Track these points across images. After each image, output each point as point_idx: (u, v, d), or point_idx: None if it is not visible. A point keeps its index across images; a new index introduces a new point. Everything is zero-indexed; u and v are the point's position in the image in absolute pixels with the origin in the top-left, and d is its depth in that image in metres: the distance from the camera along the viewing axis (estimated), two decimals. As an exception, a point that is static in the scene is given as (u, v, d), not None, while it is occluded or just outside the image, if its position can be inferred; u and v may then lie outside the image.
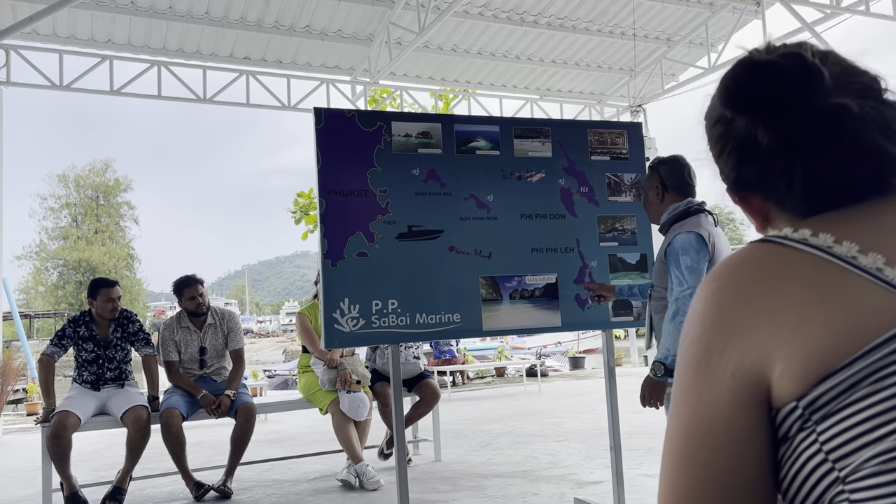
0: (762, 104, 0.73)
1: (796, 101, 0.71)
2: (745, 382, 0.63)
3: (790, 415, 0.62)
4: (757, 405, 0.64)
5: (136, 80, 9.58)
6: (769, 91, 0.72)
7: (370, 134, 3.27)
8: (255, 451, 5.40)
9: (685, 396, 0.67)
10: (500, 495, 4.26)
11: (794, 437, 0.63)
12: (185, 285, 4.90)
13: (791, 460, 0.63)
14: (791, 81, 0.71)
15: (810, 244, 0.66)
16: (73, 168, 45.47)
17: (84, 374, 4.60)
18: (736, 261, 0.69)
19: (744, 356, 0.64)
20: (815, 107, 0.70)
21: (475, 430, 6.79)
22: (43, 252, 41.34)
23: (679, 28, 10.72)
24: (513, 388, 11.29)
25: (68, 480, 4.29)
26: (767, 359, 0.63)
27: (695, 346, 0.67)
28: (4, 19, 8.39)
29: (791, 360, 0.62)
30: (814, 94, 0.71)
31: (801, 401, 0.61)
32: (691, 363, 0.67)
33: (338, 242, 3.15)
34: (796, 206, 0.73)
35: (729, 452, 0.63)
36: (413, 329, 3.24)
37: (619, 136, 3.71)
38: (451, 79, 11.25)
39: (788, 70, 0.72)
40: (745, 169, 0.76)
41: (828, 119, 0.70)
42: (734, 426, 0.63)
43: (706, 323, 0.67)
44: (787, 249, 0.67)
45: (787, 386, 0.62)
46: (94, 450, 6.47)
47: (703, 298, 0.69)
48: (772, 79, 0.72)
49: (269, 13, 9.14)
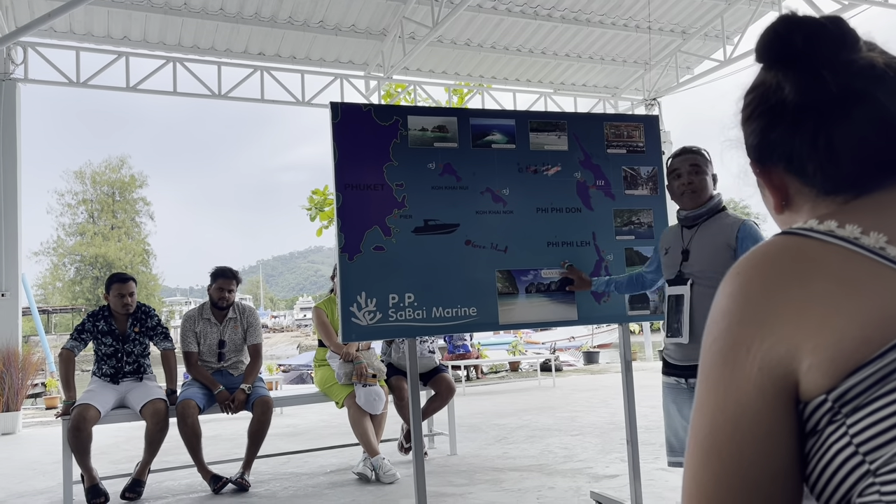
0: (793, 57, 0.72)
1: (828, 58, 0.70)
2: (773, 377, 0.63)
3: (819, 408, 0.62)
4: (784, 399, 0.63)
5: (152, 76, 9.65)
6: (801, 44, 0.71)
7: (386, 128, 3.28)
8: (271, 445, 5.43)
9: (712, 391, 0.66)
10: (515, 489, 4.26)
11: (822, 430, 0.62)
12: (221, 276, 4.94)
13: (820, 454, 0.62)
14: (825, 37, 0.71)
15: (837, 236, 0.65)
16: (89, 164, 45.83)
17: (103, 368, 4.65)
18: (761, 254, 0.68)
19: (771, 350, 0.63)
20: (846, 63, 0.69)
21: (490, 424, 6.80)
22: (60, 248, 41.76)
23: (694, 20, 10.64)
24: (527, 382, 11.29)
25: (89, 472, 4.35)
26: (795, 352, 0.62)
27: (721, 340, 0.66)
28: (22, 17, 8.48)
29: (820, 352, 0.61)
30: (847, 52, 0.70)
31: (830, 394, 0.61)
32: (717, 358, 0.66)
33: (355, 236, 3.17)
34: (820, 179, 0.72)
35: (755, 447, 0.63)
36: (429, 322, 3.25)
37: (635, 129, 3.70)
38: (465, 73, 11.23)
39: (824, 27, 0.71)
40: (771, 133, 0.75)
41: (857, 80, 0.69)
42: (761, 421, 0.63)
43: (732, 318, 0.66)
44: (814, 241, 0.66)
45: (815, 379, 0.61)
46: (114, 443, 6.54)
47: (728, 293, 0.68)
48: (806, 33, 0.71)
49: (283, 9, 9.16)
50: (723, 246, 2.69)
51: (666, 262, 2.93)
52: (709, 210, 2.80)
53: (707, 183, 2.83)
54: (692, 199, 2.81)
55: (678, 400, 2.82)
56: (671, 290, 2.84)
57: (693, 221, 2.82)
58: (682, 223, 2.88)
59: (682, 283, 2.78)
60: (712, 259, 2.70)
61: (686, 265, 2.78)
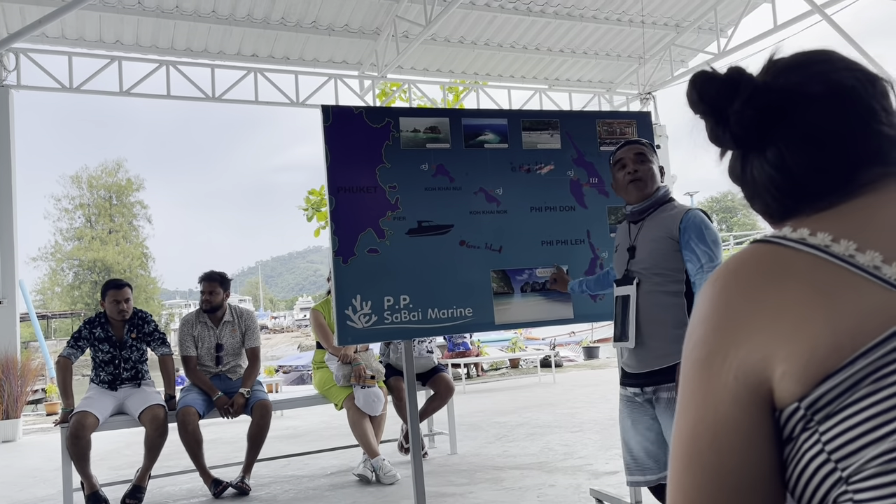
0: (698, 110, 0.78)
1: (722, 108, 0.75)
2: (748, 384, 0.64)
3: (793, 415, 0.62)
4: (760, 407, 0.64)
5: (145, 80, 9.64)
6: (698, 99, 0.77)
7: (378, 130, 3.27)
8: (271, 448, 5.44)
9: (691, 399, 0.67)
10: (516, 487, 4.27)
11: (797, 437, 0.63)
12: (205, 279, 4.93)
13: (795, 461, 0.63)
14: (717, 91, 0.75)
15: (808, 244, 0.66)
16: (85, 169, 45.80)
17: (101, 375, 4.65)
18: (737, 262, 0.69)
19: (746, 358, 0.64)
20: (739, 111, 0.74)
21: (490, 423, 6.80)
22: (58, 253, 41.71)
23: (688, 14, 10.64)
24: (527, 379, 11.30)
25: (88, 480, 4.34)
26: (769, 360, 0.63)
27: (698, 349, 0.67)
28: (13, 23, 8.45)
29: (792, 360, 0.61)
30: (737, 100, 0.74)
31: (802, 401, 0.61)
32: (695, 366, 0.67)
33: (348, 239, 3.16)
34: (762, 209, 0.77)
35: (734, 455, 0.64)
36: (425, 324, 3.24)
37: (627, 126, 3.69)
38: (459, 71, 11.22)
39: (715, 80, 0.76)
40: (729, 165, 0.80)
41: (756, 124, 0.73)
42: (738, 428, 0.64)
43: (709, 326, 0.67)
44: (786, 249, 0.67)
45: (788, 387, 0.62)
46: (113, 449, 6.54)
47: (707, 299, 0.69)
48: (700, 91, 0.76)
49: (275, 10, 9.15)
50: (665, 238, 2.52)
51: (615, 260, 2.77)
52: (654, 202, 2.62)
53: (653, 173, 2.65)
54: (638, 190, 2.63)
55: (634, 414, 2.63)
56: (618, 290, 2.66)
57: (639, 216, 2.64)
58: (629, 219, 2.71)
59: (628, 283, 2.61)
60: (656, 253, 2.54)
61: (633, 262, 2.61)
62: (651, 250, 2.55)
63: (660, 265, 2.52)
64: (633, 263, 2.61)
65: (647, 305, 2.54)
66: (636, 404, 2.62)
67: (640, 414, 2.61)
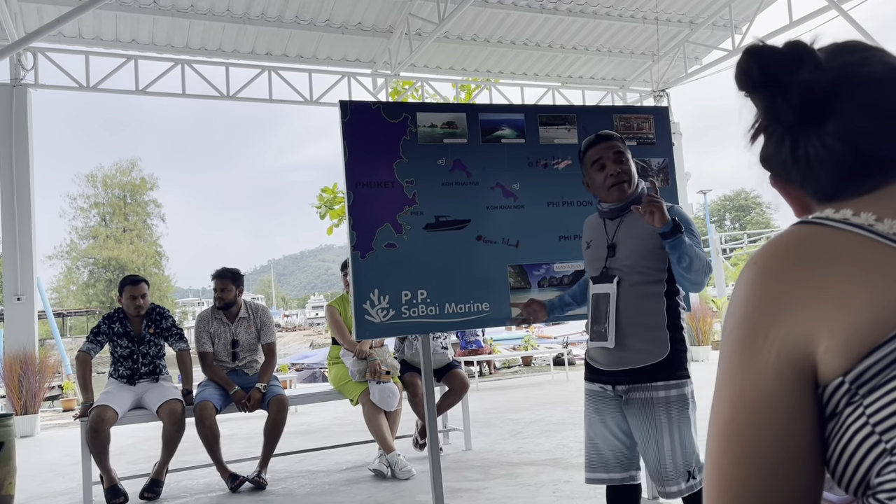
0: (756, 84, 0.76)
1: (785, 81, 0.74)
2: (791, 361, 0.64)
3: (837, 390, 0.63)
4: (803, 383, 0.64)
5: (161, 78, 9.70)
6: (758, 72, 0.75)
7: (396, 125, 3.28)
8: (287, 443, 5.46)
9: (730, 378, 0.67)
10: (531, 483, 4.27)
11: (841, 412, 0.63)
12: (217, 277, 4.96)
13: (839, 436, 0.64)
14: (780, 63, 0.74)
15: (852, 223, 0.67)
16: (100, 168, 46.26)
17: (119, 370, 4.70)
18: (778, 243, 0.70)
19: (788, 335, 0.64)
20: (804, 83, 0.73)
21: (504, 419, 6.81)
22: (73, 251, 42.08)
23: (702, 10, 10.58)
24: (540, 377, 11.29)
25: (108, 473, 4.39)
26: (812, 336, 0.63)
27: (739, 328, 0.68)
28: (31, 22, 8.54)
29: (836, 335, 0.62)
30: (805, 72, 0.73)
31: (847, 375, 0.62)
32: (735, 345, 0.68)
33: (366, 234, 3.18)
34: (811, 189, 0.76)
35: (775, 431, 0.64)
36: (442, 319, 3.26)
37: (645, 120, 3.69)
38: (472, 68, 11.22)
39: (778, 51, 0.75)
40: (766, 150, 0.79)
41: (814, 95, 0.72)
42: (780, 405, 0.64)
43: (750, 305, 0.68)
44: (829, 230, 0.68)
45: (833, 361, 0.62)
46: (131, 443, 6.60)
47: (746, 281, 0.69)
48: (760, 62, 0.75)
49: (289, 8, 9.18)
50: (651, 235, 2.43)
51: (589, 257, 2.65)
52: (634, 199, 2.53)
53: (633, 171, 2.56)
54: (620, 192, 2.52)
55: (602, 409, 2.51)
56: (596, 288, 2.55)
57: (618, 213, 2.55)
58: (606, 216, 2.59)
59: (607, 281, 2.50)
60: (641, 250, 2.46)
61: (613, 260, 2.52)
62: (635, 248, 2.48)
63: (642, 263, 2.46)
64: (613, 261, 2.52)
65: (627, 304, 2.45)
66: (605, 398, 2.50)
67: (610, 410, 2.49)
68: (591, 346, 2.55)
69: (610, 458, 2.49)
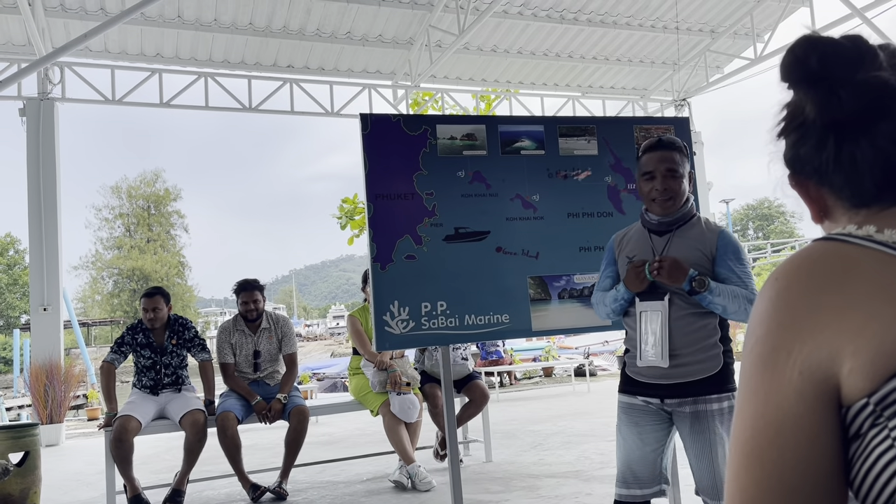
0: (811, 78, 0.73)
1: (845, 77, 0.71)
2: (814, 381, 0.63)
3: (861, 411, 0.62)
4: (826, 403, 0.63)
5: (184, 91, 9.85)
6: (817, 65, 0.72)
7: (415, 138, 3.30)
8: (308, 453, 5.48)
9: (752, 396, 0.66)
10: (552, 495, 4.24)
11: (865, 434, 0.62)
12: (243, 289, 4.98)
13: (863, 457, 0.62)
14: (842, 58, 0.71)
15: (875, 240, 0.66)
16: (125, 179, 46.83)
17: (143, 380, 4.74)
18: (801, 260, 0.69)
19: (811, 354, 0.63)
20: (863, 82, 0.70)
21: (525, 431, 6.77)
22: (98, 262, 42.64)
23: (723, 19, 10.53)
24: (561, 388, 11.22)
25: (131, 483, 4.43)
26: (836, 356, 0.62)
27: (760, 345, 0.67)
28: (58, 38, 8.71)
29: (860, 356, 0.61)
30: (865, 70, 0.70)
31: (871, 397, 0.61)
32: (757, 363, 0.67)
33: (386, 246, 3.19)
34: (848, 192, 0.73)
35: (797, 452, 0.63)
36: (462, 330, 3.25)
37: (665, 131, 3.66)
38: (492, 79, 11.25)
39: (841, 47, 0.72)
40: (801, 148, 0.75)
41: (876, 98, 0.69)
42: (802, 425, 0.63)
43: (772, 322, 0.67)
44: (852, 247, 0.67)
45: (857, 382, 0.61)
46: (154, 453, 6.65)
47: (768, 298, 0.68)
48: (821, 54, 0.72)
49: (310, 21, 9.28)
50: (703, 256, 2.38)
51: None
52: (684, 215, 2.46)
53: (684, 187, 2.46)
54: (664, 208, 2.44)
55: (641, 422, 2.44)
56: (643, 305, 2.44)
57: (667, 227, 2.46)
58: (653, 228, 2.50)
59: (657, 298, 2.40)
60: (695, 267, 2.37)
61: None
62: (690, 266, 2.38)
63: None
64: None
65: (679, 322, 2.38)
66: (645, 414, 2.44)
67: (651, 424, 2.44)
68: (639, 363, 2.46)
69: (646, 475, 2.49)
